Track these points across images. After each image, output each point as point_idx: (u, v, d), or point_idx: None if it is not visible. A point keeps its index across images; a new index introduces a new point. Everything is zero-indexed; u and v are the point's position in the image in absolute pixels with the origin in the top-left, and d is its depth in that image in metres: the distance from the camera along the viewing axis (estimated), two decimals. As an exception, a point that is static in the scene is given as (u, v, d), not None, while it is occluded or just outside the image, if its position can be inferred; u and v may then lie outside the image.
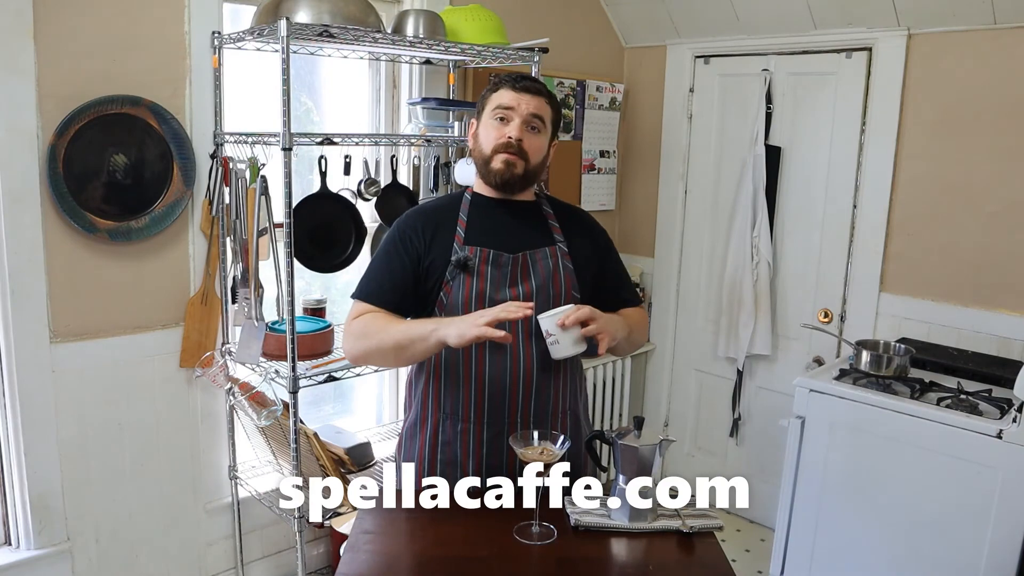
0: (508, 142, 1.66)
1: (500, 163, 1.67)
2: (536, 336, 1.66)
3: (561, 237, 1.75)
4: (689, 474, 1.53)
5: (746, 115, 3.19)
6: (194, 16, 2.27)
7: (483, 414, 1.68)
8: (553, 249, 1.73)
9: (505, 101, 1.67)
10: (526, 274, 1.69)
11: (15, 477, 2.18)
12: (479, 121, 1.73)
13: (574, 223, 1.81)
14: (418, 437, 1.74)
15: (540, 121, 1.68)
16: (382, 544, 1.48)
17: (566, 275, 1.72)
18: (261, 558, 2.71)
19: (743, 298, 3.20)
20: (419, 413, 1.75)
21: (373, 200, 2.62)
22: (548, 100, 1.70)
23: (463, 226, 1.70)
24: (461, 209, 1.73)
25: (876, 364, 2.48)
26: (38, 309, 2.12)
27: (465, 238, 1.69)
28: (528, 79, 1.70)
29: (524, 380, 1.67)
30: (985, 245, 2.65)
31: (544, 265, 1.71)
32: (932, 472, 2.25)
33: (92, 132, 2.12)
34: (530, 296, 1.67)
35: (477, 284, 1.66)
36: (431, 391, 1.72)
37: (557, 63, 3.12)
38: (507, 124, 1.67)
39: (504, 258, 1.68)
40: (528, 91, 1.67)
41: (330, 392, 3.01)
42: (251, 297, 2.27)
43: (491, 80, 1.76)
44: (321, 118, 2.86)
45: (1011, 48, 2.53)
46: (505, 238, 1.70)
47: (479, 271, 1.66)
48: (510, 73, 1.73)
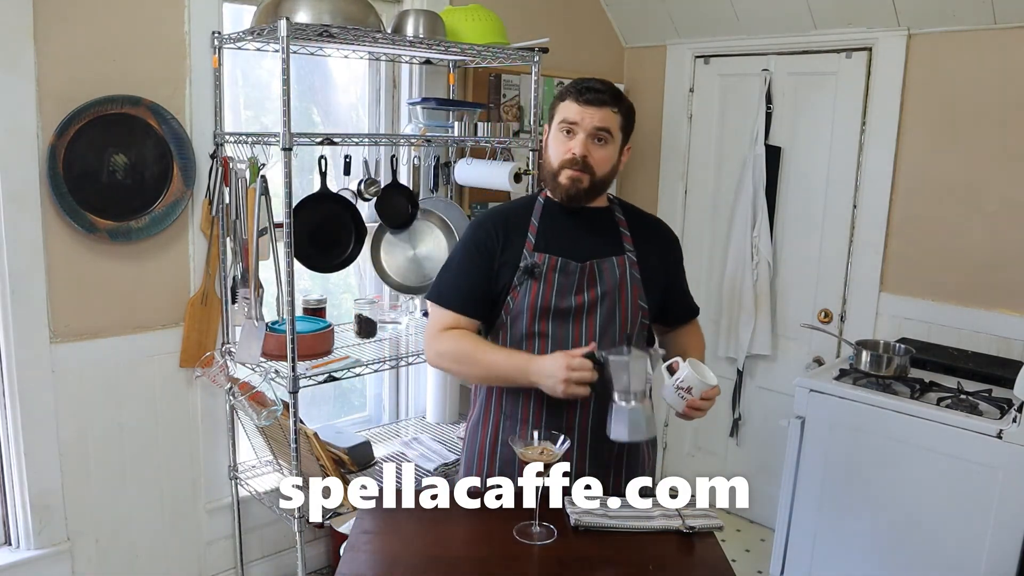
0: (572, 158, 1.65)
1: (565, 179, 1.66)
2: (600, 344, 1.66)
3: (631, 246, 1.75)
4: (689, 474, 1.54)
5: (746, 115, 3.19)
6: (194, 16, 2.27)
7: (542, 418, 1.69)
8: (622, 259, 1.72)
9: (570, 115, 1.65)
10: (593, 283, 1.69)
11: (15, 477, 2.18)
12: (549, 129, 1.71)
13: (646, 232, 1.80)
14: (479, 434, 1.78)
15: (606, 133, 1.65)
16: (382, 544, 1.48)
17: (633, 285, 1.72)
18: (261, 558, 2.72)
19: (743, 298, 3.20)
20: (482, 411, 1.78)
21: (373, 200, 2.62)
22: (615, 108, 1.66)
23: (534, 232, 1.72)
24: (534, 214, 1.74)
25: (876, 364, 2.48)
26: (38, 309, 2.12)
27: (535, 244, 1.70)
28: (594, 88, 1.65)
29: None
30: (985, 245, 2.65)
31: (611, 275, 1.71)
32: (932, 472, 2.25)
33: (92, 132, 2.12)
34: (595, 304, 1.69)
35: (543, 291, 1.67)
36: (494, 390, 1.76)
37: (557, 63, 3.12)
38: (572, 138, 1.65)
39: (572, 266, 1.68)
40: (592, 104, 1.63)
41: (330, 392, 3.01)
42: (251, 297, 2.27)
43: (559, 87, 1.73)
44: (322, 118, 2.86)
45: (1011, 48, 2.53)
46: (575, 246, 1.71)
47: (546, 278, 1.67)
48: (578, 81, 1.68)
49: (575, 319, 1.68)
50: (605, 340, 1.69)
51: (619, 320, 1.71)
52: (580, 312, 1.69)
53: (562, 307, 1.68)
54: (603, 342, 1.68)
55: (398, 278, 2.70)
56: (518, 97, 3.07)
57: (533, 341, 1.69)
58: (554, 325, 1.68)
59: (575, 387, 1.52)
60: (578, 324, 1.69)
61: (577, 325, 1.69)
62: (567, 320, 1.68)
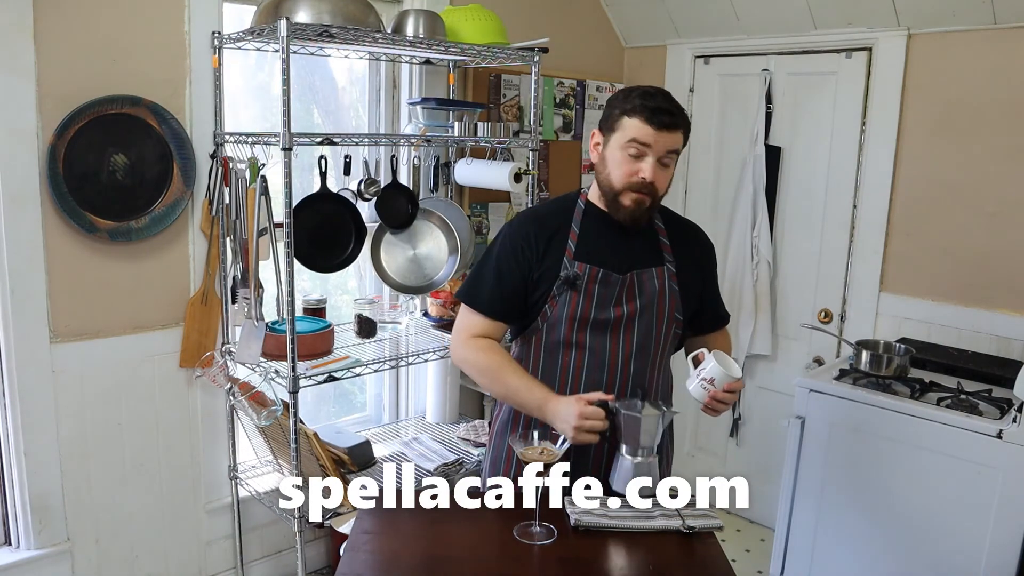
0: (642, 183, 1.61)
1: (630, 201, 1.63)
2: (636, 360, 1.66)
3: (671, 257, 1.73)
4: (689, 474, 1.53)
5: (746, 115, 3.19)
6: (194, 16, 2.27)
7: None
8: (661, 270, 1.71)
9: (642, 137, 1.58)
10: (632, 295, 1.67)
11: (15, 477, 2.18)
12: (606, 140, 1.65)
13: (684, 239, 1.78)
14: (508, 435, 1.75)
15: (674, 155, 1.63)
16: (382, 544, 1.48)
17: (671, 297, 1.70)
18: (261, 558, 2.72)
19: (743, 298, 3.20)
20: (511, 411, 1.76)
21: (373, 200, 2.62)
22: (684, 131, 1.63)
23: (574, 239, 1.69)
24: (574, 220, 1.71)
25: (876, 364, 2.48)
26: (38, 309, 2.12)
27: (575, 253, 1.67)
28: (668, 111, 1.58)
29: (618, 394, 1.65)
30: (985, 245, 2.65)
31: (651, 286, 1.69)
32: (932, 472, 2.25)
33: (92, 132, 2.11)
34: (634, 316, 1.67)
35: (583, 303, 1.65)
36: None
37: (557, 63, 3.12)
38: (640, 160, 1.60)
39: (613, 278, 1.66)
40: (666, 128, 1.58)
41: (330, 392, 3.01)
42: (251, 297, 2.27)
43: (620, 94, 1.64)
44: (322, 118, 2.86)
45: (1011, 48, 2.53)
46: (615, 255, 1.68)
47: (587, 290, 1.65)
48: (645, 94, 1.59)
49: (612, 331, 1.67)
50: (641, 353, 1.68)
51: (655, 332, 1.69)
52: (619, 324, 1.67)
53: (600, 319, 1.66)
54: (639, 355, 1.67)
55: (398, 278, 2.70)
56: (518, 97, 3.07)
57: (569, 351, 1.67)
58: (591, 336, 1.66)
59: (585, 435, 1.51)
60: (615, 336, 1.67)
61: (615, 337, 1.67)
62: (604, 331, 1.66)
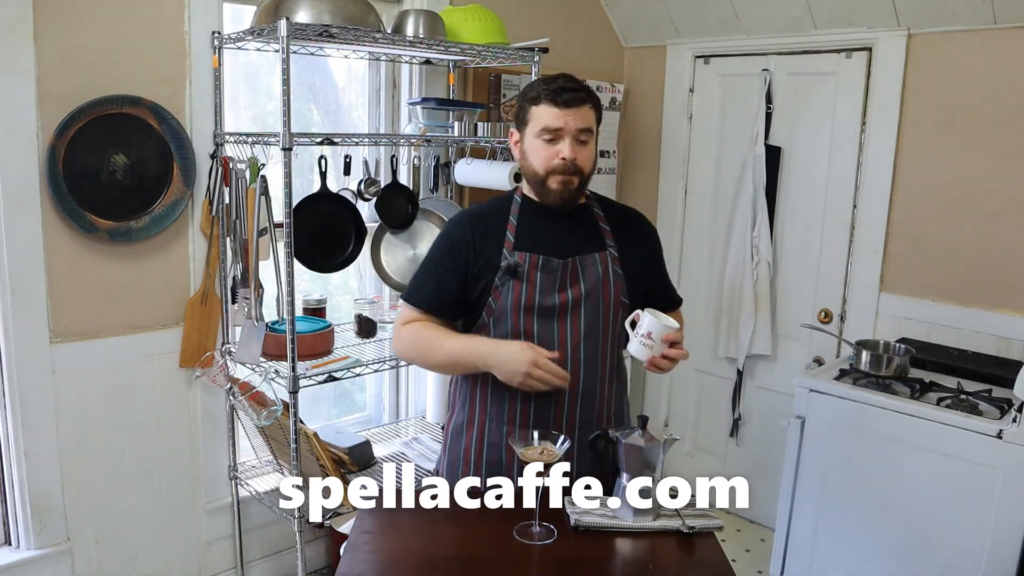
0: (564, 164, 1.63)
1: (557, 184, 1.65)
2: (585, 345, 1.66)
3: (612, 242, 1.74)
4: (689, 474, 1.53)
5: (746, 115, 3.19)
6: (194, 16, 2.27)
7: (529, 420, 1.68)
8: (603, 255, 1.72)
9: (551, 123, 1.61)
10: (575, 279, 1.68)
11: (15, 477, 2.18)
12: (522, 135, 1.69)
13: (626, 226, 1.79)
14: (464, 437, 1.75)
15: (589, 132, 1.65)
16: (382, 544, 1.48)
17: (616, 281, 1.71)
18: (261, 558, 2.71)
19: (743, 298, 3.20)
20: (466, 414, 1.75)
21: (373, 200, 2.62)
22: (591, 105, 1.65)
23: (513, 231, 1.69)
24: (511, 213, 1.72)
25: (876, 364, 2.48)
26: (38, 309, 2.12)
27: (515, 243, 1.68)
28: (568, 88, 1.61)
29: (571, 386, 1.66)
30: (985, 245, 2.65)
31: (594, 271, 1.69)
32: (932, 472, 2.25)
33: (92, 132, 2.11)
34: (579, 301, 1.67)
35: (526, 290, 1.65)
36: (478, 394, 1.73)
37: (557, 63, 3.11)
38: (557, 143, 1.62)
39: (554, 263, 1.67)
40: (572, 104, 1.61)
41: (330, 392, 3.01)
42: (251, 297, 2.27)
43: (527, 88, 1.68)
44: (322, 118, 2.86)
45: (1011, 48, 2.52)
46: (555, 243, 1.69)
47: (528, 277, 1.66)
48: (547, 80, 1.65)
49: (559, 317, 1.67)
50: (590, 338, 1.68)
51: (602, 317, 1.70)
52: (564, 310, 1.67)
53: (546, 305, 1.66)
54: (587, 340, 1.68)
55: (398, 278, 2.70)
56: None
57: (519, 339, 1.67)
58: (539, 324, 1.67)
59: (535, 381, 1.53)
60: (563, 322, 1.67)
61: (562, 323, 1.67)
62: (552, 318, 1.67)
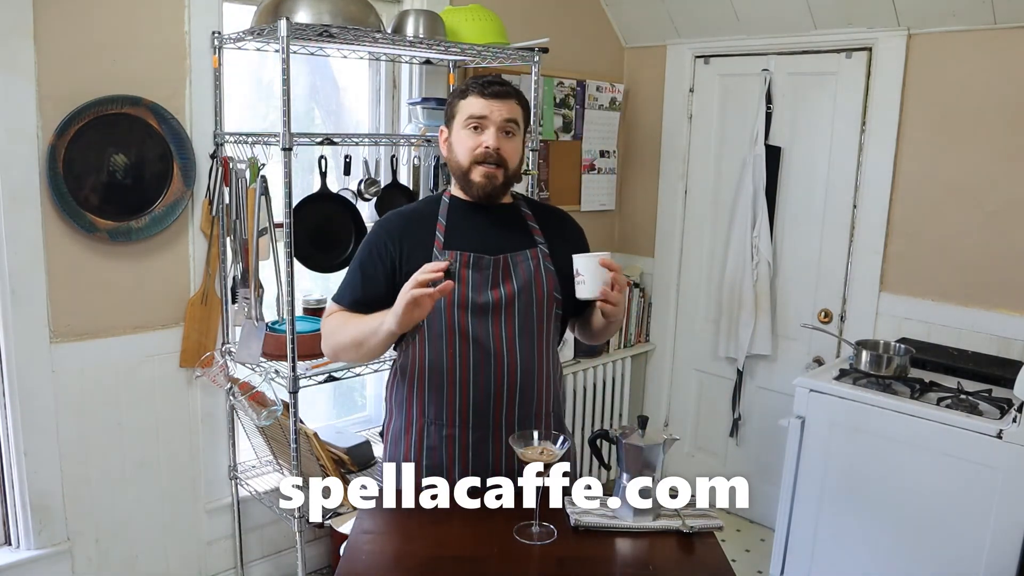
0: (486, 152, 1.64)
1: (480, 176, 1.66)
2: (520, 341, 1.66)
3: (542, 239, 1.75)
4: (689, 474, 1.53)
5: (746, 115, 3.19)
6: (194, 16, 2.27)
7: (468, 419, 1.68)
8: (534, 251, 1.72)
9: (477, 111, 1.64)
10: (507, 276, 1.68)
11: (15, 477, 2.18)
12: (450, 130, 1.70)
13: (554, 224, 1.80)
14: (403, 443, 1.74)
15: (514, 124, 1.66)
16: (382, 544, 1.48)
17: (548, 276, 1.71)
18: (261, 558, 2.72)
19: (743, 298, 3.20)
20: (403, 419, 1.74)
21: (373, 200, 2.62)
22: (518, 101, 1.68)
23: (442, 230, 1.70)
24: (440, 213, 1.72)
25: (876, 364, 2.48)
26: (38, 309, 2.12)
27: (444, 242, 1.68)
28: (496, 82, 1.66)
29: (508, 384, 1.67)
30: (985, 245, 2.65)
31: (525, 267, 1.70)
32: (932, 472, 2.25)
33: (92, 132, 2.11)
34: (512, 298, 1.67)
35: (459, 288, 1.65)
36: (415, 397, 1.72)
37: (557, 63, 3.12)
38: (482, 133, 1.65)
39: (485, 260, 1.67)
40: (498, 96, 1.64)
41: (330, 392, 3.01)
42: (251, 297, 2.27)
43: (456, 87, 1.71)
44: (322, 118, 2.86)
45: (1011, 48, 2.53)
46: (485, 241, 1.69)
47: (460, 275, 1.65)
48: (476, 77, 1.70)
49: (493, 315, 1.67)
50: (524, 334, 1.68)
51: (536, 313, 1.70)
52: (498, 307, 1.67)
53: (479, 302, 1.66)
54: (522, 337, 1.68)
55: (398, 278, 2.70)
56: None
57: (453, 341, 1.66)
58: (473, 323, 1.66)
59: (423, 298, 1.47)
60: (496, 320, 1.67)
61: (496, 321, 1.67)
62: (485, 316, 1.66)
